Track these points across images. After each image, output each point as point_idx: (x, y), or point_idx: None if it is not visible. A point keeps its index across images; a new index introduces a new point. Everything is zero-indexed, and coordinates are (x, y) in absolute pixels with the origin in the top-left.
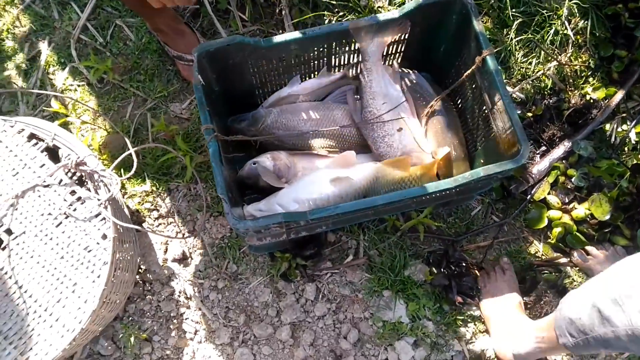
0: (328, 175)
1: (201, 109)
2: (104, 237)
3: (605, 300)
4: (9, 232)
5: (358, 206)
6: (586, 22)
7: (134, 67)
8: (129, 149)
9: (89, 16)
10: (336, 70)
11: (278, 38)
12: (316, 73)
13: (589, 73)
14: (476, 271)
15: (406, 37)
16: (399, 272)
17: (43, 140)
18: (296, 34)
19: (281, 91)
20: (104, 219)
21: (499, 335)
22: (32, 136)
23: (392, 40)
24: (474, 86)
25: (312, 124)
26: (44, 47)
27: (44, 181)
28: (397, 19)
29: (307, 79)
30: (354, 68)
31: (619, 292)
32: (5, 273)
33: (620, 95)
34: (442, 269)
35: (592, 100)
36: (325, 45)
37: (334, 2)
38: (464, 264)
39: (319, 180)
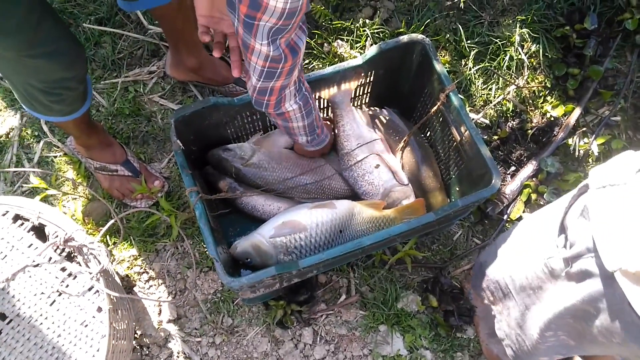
0: (308, 205)
1: (183, 173)
2: (99, 309)
3: None
4: (2, 316)
5: (348, 249)
6: (538, 45)
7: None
8: (112, 216)
9: None
10: None
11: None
12: None
13: (547, 92)
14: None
15: (371, 79)
16: (392, 305)
17: (28, 220)
18: None
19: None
20: (97, 291)
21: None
22: (16, 217)
23: (357, 85)
24: (441, 119)
25: (297, 172)
26: (16, 122)
27: (34, 261)
28: (360, 66)
29: None
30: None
31: None
32: (3, 359)
33: (578, 111)
34: (437, 296)
35: (552, 118)
36: None
37: None
38: (455, 290)
39: (298, 211)
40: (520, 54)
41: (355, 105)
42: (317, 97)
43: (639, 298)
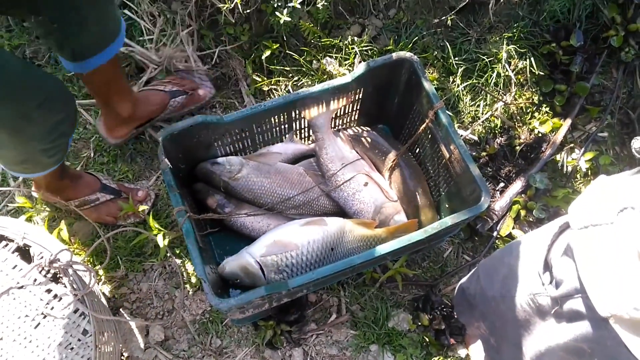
0: (298, 222)
1: (171, 192)
2: (85, 332)
3: None
4: None
5: (338, 268)
6: (525, 62)
7: (97, 150)
8: (99, 236)
9: None
10: (299, 132)
11: (238, 113)
12: (284, 137)
13: (534, 108)
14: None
15: (360, 96)
16: (383, 324)
17: (13, 241)
18: (254, 108)
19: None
20: (83, 313)
21: None
22: (1, 238)
23: (339, 107)
24: (430, 137)
25: (286, 187)
26: None
27: (18, 283)
28: (349, 84)
29: (274, 143)
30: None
31: None
32: None
33: (565, 127)
34: (428, 315)
35: (540, 134)
36: (285, 114)
37: (287, 69)
38: (447, 308)
39: (289, 228)
40: (507, 70)
41: (344, 122)
42: (303, 116)
43: (636, 344)
